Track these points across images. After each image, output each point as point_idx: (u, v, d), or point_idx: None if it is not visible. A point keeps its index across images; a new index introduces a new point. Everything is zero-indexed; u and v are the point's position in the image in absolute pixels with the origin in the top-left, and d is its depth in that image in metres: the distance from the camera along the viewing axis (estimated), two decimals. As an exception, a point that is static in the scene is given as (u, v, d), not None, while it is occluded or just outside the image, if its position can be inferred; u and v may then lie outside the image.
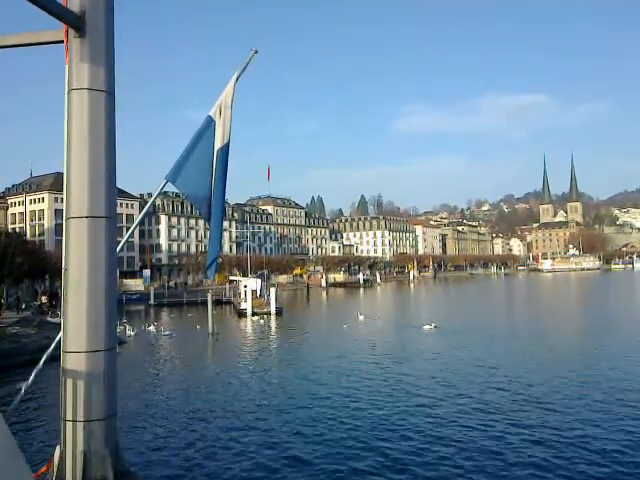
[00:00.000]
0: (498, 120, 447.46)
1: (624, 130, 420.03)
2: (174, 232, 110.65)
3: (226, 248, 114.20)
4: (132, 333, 37.58)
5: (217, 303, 57.87)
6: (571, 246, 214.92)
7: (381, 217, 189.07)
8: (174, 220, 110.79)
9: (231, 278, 75.73)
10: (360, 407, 18.17)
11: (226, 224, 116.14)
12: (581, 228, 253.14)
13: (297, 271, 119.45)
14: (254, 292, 54.64)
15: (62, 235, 2.96)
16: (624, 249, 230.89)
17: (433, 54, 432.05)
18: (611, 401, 17.89)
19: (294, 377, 23.68)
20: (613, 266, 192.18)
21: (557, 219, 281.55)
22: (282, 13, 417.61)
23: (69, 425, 2.83)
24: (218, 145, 4.75)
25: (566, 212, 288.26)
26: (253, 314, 51.16)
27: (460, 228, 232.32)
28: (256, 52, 4.97)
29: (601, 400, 18.07)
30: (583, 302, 67.40)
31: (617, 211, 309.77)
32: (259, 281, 59.26)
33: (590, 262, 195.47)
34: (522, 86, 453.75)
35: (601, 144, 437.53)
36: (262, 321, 47.68)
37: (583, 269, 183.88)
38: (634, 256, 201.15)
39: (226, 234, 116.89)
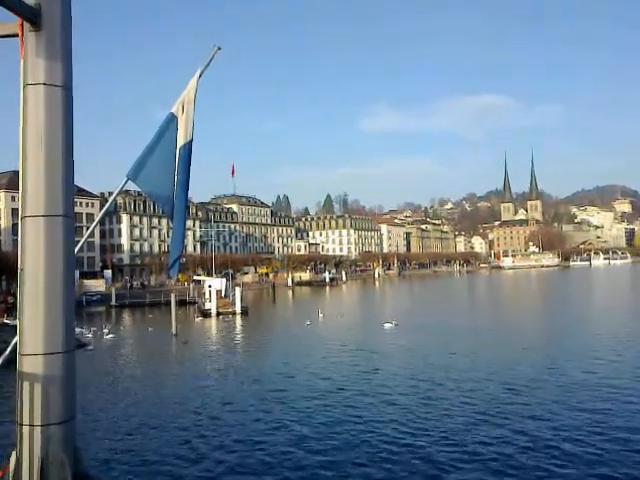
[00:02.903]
0: (461, 121, 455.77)
1: (582, 131, 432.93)
2: (136, 231, 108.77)
3: (190, 247, 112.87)
4: (90, 335, 36.92)
5: (181, 303, 57.21)
6: (531, 243, 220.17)
7: (347, 216, 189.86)
8: (136, 219, 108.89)
9: (195, 278, 74.88)
10: (313, 405, 18.39)
11: (190, 223, 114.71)
12: (541, 226, 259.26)
13: (263, 270, 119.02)
14: (219, 292, 54.17)
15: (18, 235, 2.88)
16: (582, 246, 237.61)
17: (396, 55, 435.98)
18: (568, 392, 18.44)
19: (257, 378, 23.58)
20: (572, 263, 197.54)
21: (518, 217, 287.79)
22: (247, 11, 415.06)
23: (25, 429, 2.74)
24: (181, 142, 4.69)
25: (526, 210, 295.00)
26: (218, 314, 50.72)
27: (424, 226, 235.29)
28: (219, 49, 4.92)
29: (559, 393, 18.59)
30: (542, 299, 69.11)
31: (575, 209, 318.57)
32: (224, 281, 58.77)
33: (550, 259, 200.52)
34: (484, 88, 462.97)
35: (560, 144, 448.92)
36: (227, 321, 47.34)
37: (543, 266, 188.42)
38: (591, 253, 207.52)
39: (190, 233, 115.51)
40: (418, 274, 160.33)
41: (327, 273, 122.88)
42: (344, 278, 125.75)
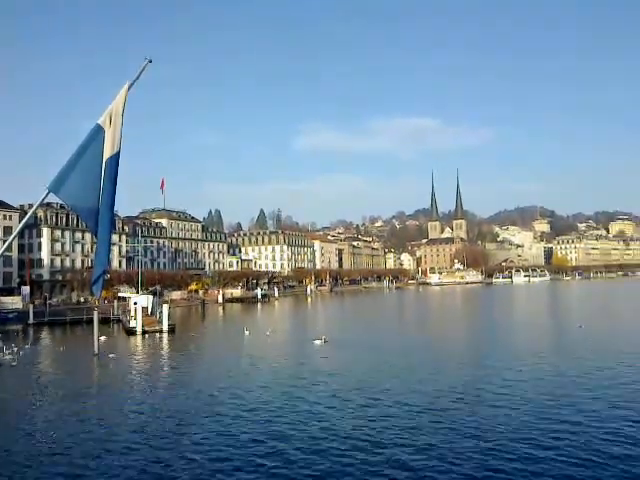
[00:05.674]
0: (393, 141, 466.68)
1: (504, 154, 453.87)
2: (57, 246, 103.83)
3: (115, 263, 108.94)
4: None
5: (105, 321, 54.94)
6: (456, 261, 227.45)
7: (280, 232, 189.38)
8: (57, 233, 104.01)
9: (120, 295, 72.19)
10: (236, 421, 18.14)
11: (116, 238, 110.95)
12: (465, 244, 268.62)
13: (192, 287, 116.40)
14: (145, 309, 52.41)
15: None
16: (504, 264, 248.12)
17: (332, 74, 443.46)
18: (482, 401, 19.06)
19: (181, 399, 22.91)
20: (494, 280, 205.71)
21: (444, 235, 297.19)
22: (180, 20, 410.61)
23: None
24: (107, 154, 4.53)
25: (452, 229, 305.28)
26: (143, 333, 49.01)
27: (355, 243, 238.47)
28: (150, 61, 4.82)
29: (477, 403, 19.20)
30: (467, 314, 71.43)
31: (498, 229, 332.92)
32: (150, 297, 56.98)
33: (474, 276, 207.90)
34: (414, 110, 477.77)
35: (484, 166, 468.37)
36: (153, 340, 45.86)
37: (467, 282, 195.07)
38: (513, 270, 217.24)
39: (115, 248, 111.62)
40: (350, 290, 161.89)
41: (259, 289, 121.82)
42: (276, 294, 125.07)
